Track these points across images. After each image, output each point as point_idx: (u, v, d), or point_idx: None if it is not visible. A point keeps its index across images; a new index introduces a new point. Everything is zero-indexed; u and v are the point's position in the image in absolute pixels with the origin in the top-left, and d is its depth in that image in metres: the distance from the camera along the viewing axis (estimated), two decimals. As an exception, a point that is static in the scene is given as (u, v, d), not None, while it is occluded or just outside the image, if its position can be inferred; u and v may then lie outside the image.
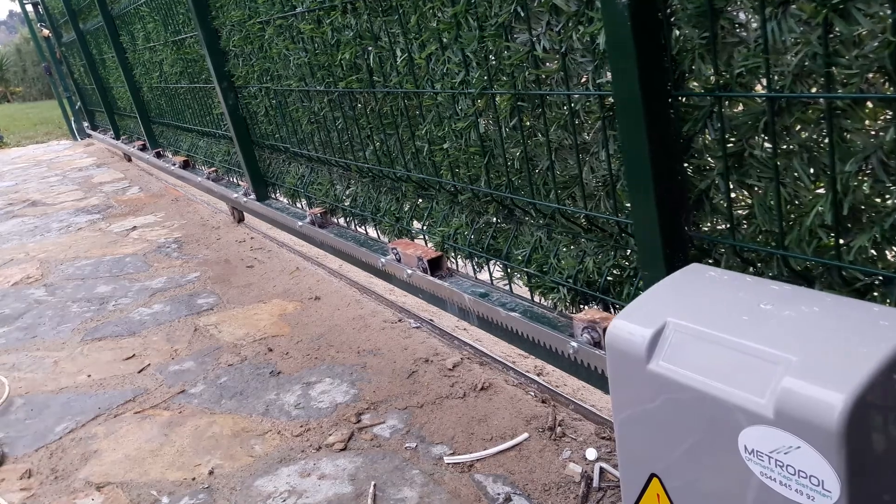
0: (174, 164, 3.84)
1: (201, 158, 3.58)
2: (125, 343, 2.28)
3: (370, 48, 1.65)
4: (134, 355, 2.18)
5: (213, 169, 3.32)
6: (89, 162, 6.48)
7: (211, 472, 1.53)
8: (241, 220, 3.67)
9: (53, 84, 7.86)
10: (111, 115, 5.64)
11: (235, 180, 3.16)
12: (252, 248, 3.14)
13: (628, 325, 0.78)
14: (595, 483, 1.34)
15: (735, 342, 0.70)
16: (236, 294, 2.58)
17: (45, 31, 7.24)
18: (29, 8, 7.55)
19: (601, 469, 1.36)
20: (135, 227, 3.81)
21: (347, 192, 2.15)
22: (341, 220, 2.23)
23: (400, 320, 2.16)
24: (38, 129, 9.92)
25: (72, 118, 7.98)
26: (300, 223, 2.31)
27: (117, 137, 5.69)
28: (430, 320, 2.12)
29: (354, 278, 2.55)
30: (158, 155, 4.31)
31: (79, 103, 7.69)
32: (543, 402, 1.62)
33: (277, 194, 2.73)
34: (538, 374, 1.76)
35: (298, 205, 2.55)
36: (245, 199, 2.83)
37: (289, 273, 2.74)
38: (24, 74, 17.65)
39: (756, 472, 0.67)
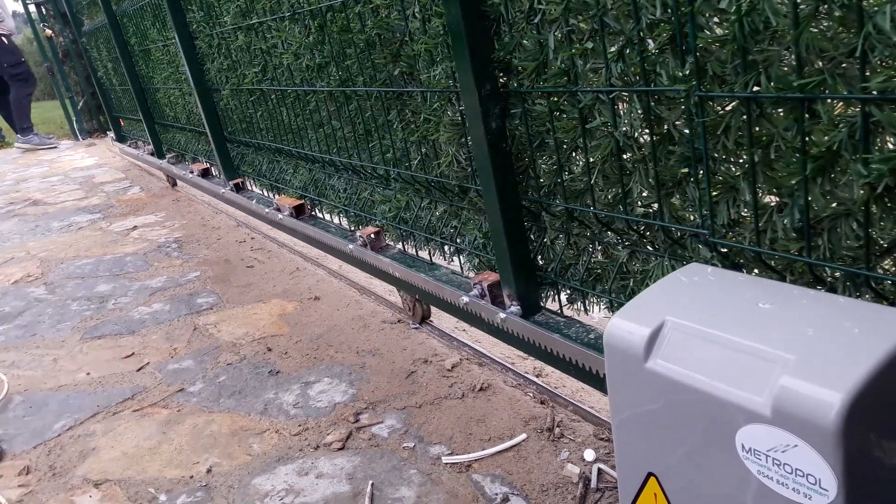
0: (281, 212, 2.44)
1: (338, 207, 2.23)
2: (124, 341, 2.28)
3: None
4: (133, 354, 2.18)
5: (375, 230, 1.96)
6: (91, 162, 6.49)
7: (209, 471, 1.53)
8: (425, 318, 2.08)
9: (56, 84, 7.88)
10: (151, 126, 4.21)
11: (427, 255, 1.82)
12: (252, 249, 3.14)
13: (626, 324, 0.78)
14: (593, 484, 1.33)
15: (733, 341, 0.70)
16: (236, 294, 2.59)
17: (48, 32, 7.26)
18: (32, 8, 7.57)
19: (599, 470, 1.36)
20: (135, 227, 3.81)
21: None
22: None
23: (399, 321, 2.16)
24: (40, 129, 9.92)
25: (73, 118, 8.00)
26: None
27: (160, 155, 4.23)
28: (430, 321, 2.12)
29: (354, 279, 2.55)
30: (238, 188, 2.98)
31: (81, 103, 7.70)
32: (542, 403, 1.62)
33: (562, 303, 1.42)
34: (537, 376, 1.75)
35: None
36: (502, 316, 1.41)
37: (289, 273, 2.74)
38: (27, 74, 17.74)
39: (753, 470, 0.67)
